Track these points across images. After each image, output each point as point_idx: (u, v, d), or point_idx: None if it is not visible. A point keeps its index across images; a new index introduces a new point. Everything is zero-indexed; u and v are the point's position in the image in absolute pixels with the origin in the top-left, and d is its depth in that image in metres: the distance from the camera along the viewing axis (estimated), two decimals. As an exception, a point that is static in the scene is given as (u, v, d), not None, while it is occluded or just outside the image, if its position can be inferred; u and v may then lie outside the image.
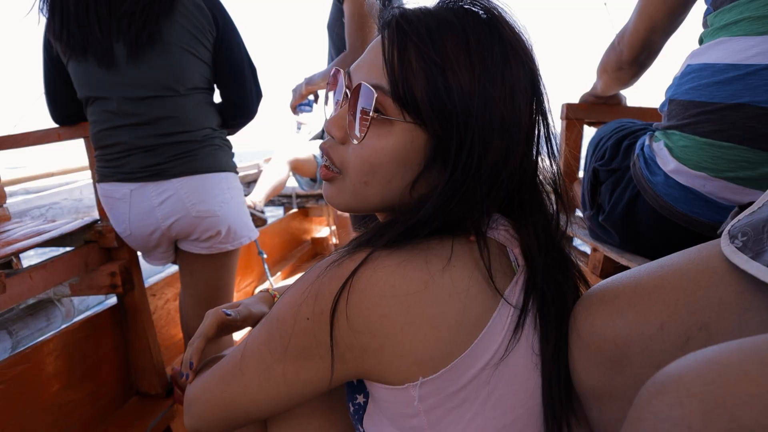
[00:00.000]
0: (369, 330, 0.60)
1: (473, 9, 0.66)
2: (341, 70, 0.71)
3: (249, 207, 2.86)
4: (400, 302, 0.60)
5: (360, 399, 0.74)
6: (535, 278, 0.67)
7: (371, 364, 0.62)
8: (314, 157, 3.35)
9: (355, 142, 0.66)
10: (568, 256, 0.74)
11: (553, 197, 0.74)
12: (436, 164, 0.66)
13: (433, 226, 0.65)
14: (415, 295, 0.60)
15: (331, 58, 2.28)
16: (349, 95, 0.67)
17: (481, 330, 0.62)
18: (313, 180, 3.48)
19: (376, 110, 0.64)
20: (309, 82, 2.25)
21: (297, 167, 3.29)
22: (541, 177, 0.73)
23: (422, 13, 0.65)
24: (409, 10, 0.66)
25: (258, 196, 3.13)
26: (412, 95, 0.62)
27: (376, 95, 0.63)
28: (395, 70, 0.62)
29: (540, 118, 0.70)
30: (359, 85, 0.65)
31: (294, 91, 2.34)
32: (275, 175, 3.20)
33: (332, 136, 0.69)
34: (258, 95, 1.80)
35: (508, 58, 0.64)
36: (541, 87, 0.69)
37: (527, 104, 0.67)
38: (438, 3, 0.68)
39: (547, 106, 0.70)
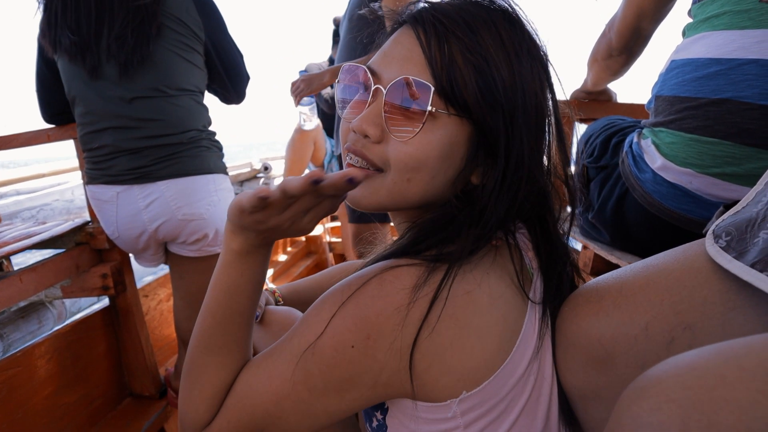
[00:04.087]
0: (418, 351, 0.58)
1: (492, 3, 0.66)
2: (361, 66, 0.68)
3: None
4: (449, 316, 0.58)
5: (378, 416, 0.69)
6: (550, 282, 0.67)
7: (415, 385, 0.60)
8: (326, 140, 3.42)
9: (402, 139, 0.63)
10: (569, 253, 0.74)
11: (560, 195, 0.73)
12: (479, 157, 0.66)
13: (502, 226, 0.65)
14: (461, 307, 0.59)
15: (347, 52, 2.19)
16: (384, 91, 0.64)
17: (518, 336, 0.62)
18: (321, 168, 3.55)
19: (423, 105, 0.62)
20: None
21: (317, 144, 3.38)
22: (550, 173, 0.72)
23: (452, 7, 0.65)
24: (437, 4, 0.66)
25: None
26: (459, 88, 0.61)
27: (433, 89, 0.61)
28: (439, 63, 0.62)
29: (553, 112, 0.70)
30: (402, 80, 0.63)
31: (308, 81, 2.19)
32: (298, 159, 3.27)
33: (367, 135, 0.65)
34: (248, 79, 1.88)
35: (531, 51, 0.66)
36: (553, 80, 0.69)
37: (549, 97, 0.68)
38: None
39: (557, 99, 0.70)
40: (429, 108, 0.61)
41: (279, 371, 0.62)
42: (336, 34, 3.52)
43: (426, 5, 0.67)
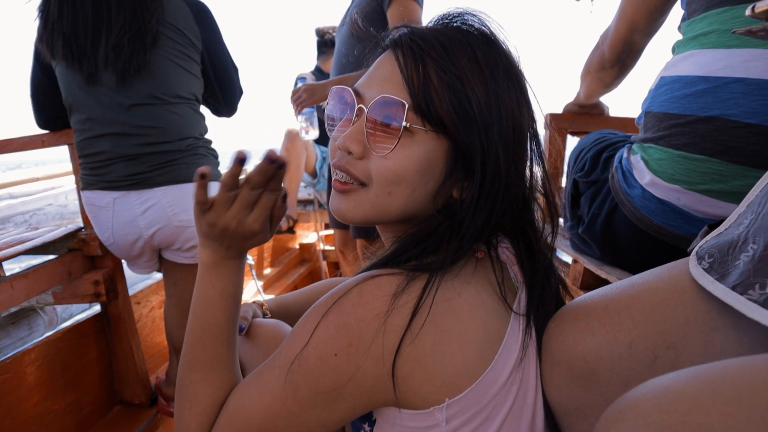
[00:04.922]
0: (399, 357, 0.59)
1: (471, 28, 0.71)
2: (347, 88, 0.72)
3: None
4: (429, 323, 0.60)
5: (366, 428, 0.70)
6: (533, 295, 0.69)
7: (398, 392, 0.61)
8: (315, 147, 3.48)
9: (382, 153, 0.67)
10: (554, 267, 0.75)
11: (541, 208, 0.76)
12: (457, 172, 0.68)
13: (481, 238, 0.68)
14: (441, 315, 0.61)
15: (343, 62, 2.20)
16: (365, 110, 0.68)
17: (500, 344, 0.63)
18: (313, 176, 3.57)
19: (399, 121, 0.66)
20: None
21: (308, 150, 3.44)
22: (533, 188, 0.75)
23: (430, 31, 0.69)
24: (416, 29, 0.70)
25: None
26: (434, 106, 0.65)
27: (407, 105, 0.65)
28: (415, 83, 0.65)
29: (531, 129, 0.73)
30: (380, 99, 0.67)
31: (311, 91, 2.14)
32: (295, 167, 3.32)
33: (350, 152, 0.69)
34: (240, 93, 1.88)
35: (509, 71, 0.69)
36: (531, 98, 0.73)
37: (527, 114, 0.71)
38: (435, 23, 0.72)
39: (535, 117, 0.74)
40: (404, 123, 0.65)
41: (269, 387, 0.63)
42: (321, 45, 3.66)
43: (406, 30, 0.71)
